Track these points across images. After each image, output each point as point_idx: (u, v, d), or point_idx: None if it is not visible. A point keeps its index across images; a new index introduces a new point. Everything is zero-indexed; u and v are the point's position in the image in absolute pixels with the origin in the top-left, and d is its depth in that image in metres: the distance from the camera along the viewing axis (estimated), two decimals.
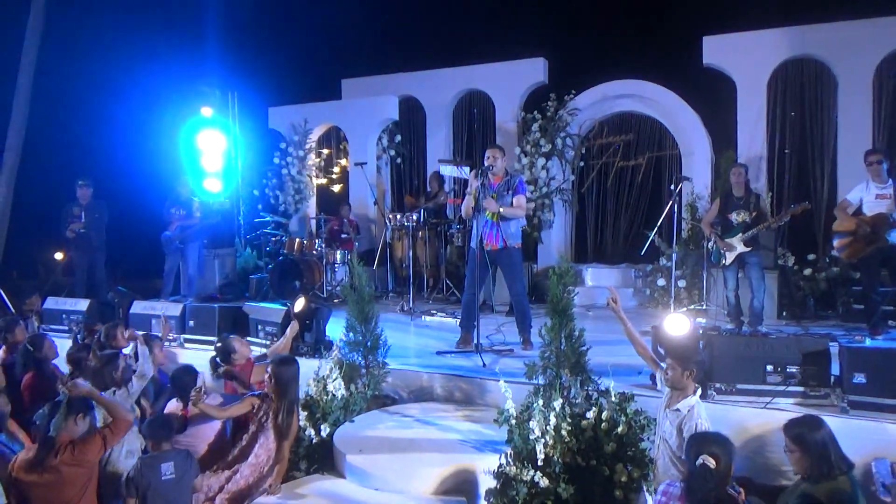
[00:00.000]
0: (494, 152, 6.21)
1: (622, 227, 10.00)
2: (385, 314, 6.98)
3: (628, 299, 8.96)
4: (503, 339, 6.50)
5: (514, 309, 6.61)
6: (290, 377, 4.43)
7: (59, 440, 3.94)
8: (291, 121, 11.20)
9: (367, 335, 5.25)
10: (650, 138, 9.74)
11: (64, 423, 3.96)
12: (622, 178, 9.98)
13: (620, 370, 5.00)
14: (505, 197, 6.21)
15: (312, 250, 9.48)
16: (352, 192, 11.11)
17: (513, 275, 6.29)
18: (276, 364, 4.47)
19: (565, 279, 4.40)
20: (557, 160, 9.60)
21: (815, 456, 3.37)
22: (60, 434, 3.95)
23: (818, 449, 3.38)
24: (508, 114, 10.21)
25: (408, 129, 11.52)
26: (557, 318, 4.38)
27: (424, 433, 4.66)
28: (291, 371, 4.46)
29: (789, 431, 3.49)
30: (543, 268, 9.49)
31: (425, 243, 9.38)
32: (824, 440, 3.40)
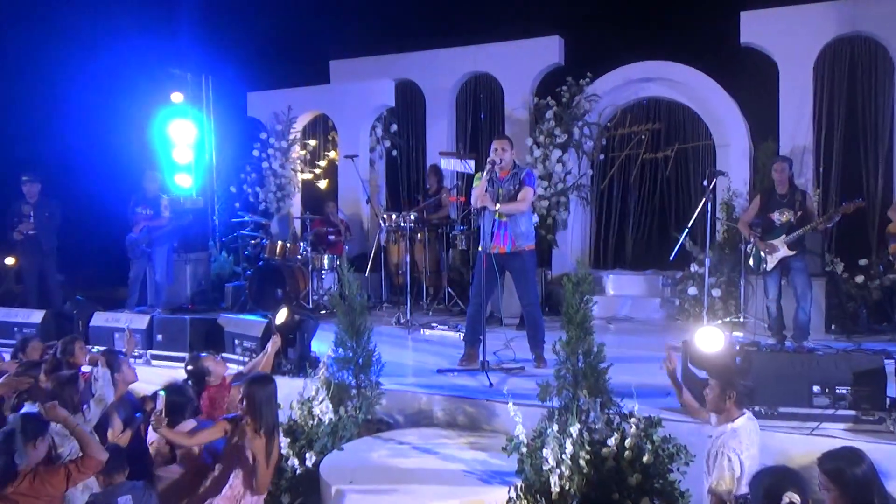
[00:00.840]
0: (503, 143, 6.21)
1: (648, 228, 10.00)
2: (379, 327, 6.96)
3: (654, 310, 8.96)
4: (513, 355, 6.49)
5: (525, 321, 6.60)
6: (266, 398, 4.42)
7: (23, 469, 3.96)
8: (273, 108, 11.22)
9: (359, 351, 5.24)
10: (680, 127, 9.75)
11: (24, 451, 3.98)
12: (648, 173, 9.99)
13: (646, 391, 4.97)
14: (512, 193, 6.21)
15: (296, 254, 9.49)
16: (341, 188, 11.12)
17: (524, 282, 6.28)
18: (249, 383, 4.46)
19: (583, 287, 4.39)
20: (574, 152, 9.61)
21: (855, 496, 3.26)
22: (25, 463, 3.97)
23: (858, 488, 3.26)
24: (519, 100, 10.22)
25: (405, 118, 11.54)
26: (574, 332, 4.37)
27: (423, 463, 4.65)
28: (267, 391, 4.45)
29: (824, 466, 3.37)
30: (558, 274, 9.49)
31: (424, 247, 9.38)
32: (866, 477, 3.28)
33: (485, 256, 6.03)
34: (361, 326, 5.26)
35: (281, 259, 9.45)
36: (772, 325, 6.99)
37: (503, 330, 7.07)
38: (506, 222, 6.19)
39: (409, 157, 11.62)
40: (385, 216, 9.21)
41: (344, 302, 5.26)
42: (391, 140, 11.49)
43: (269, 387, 4.50)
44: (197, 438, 4.52)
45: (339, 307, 5.29)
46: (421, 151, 11.39)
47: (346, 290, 5.26)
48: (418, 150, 11.48)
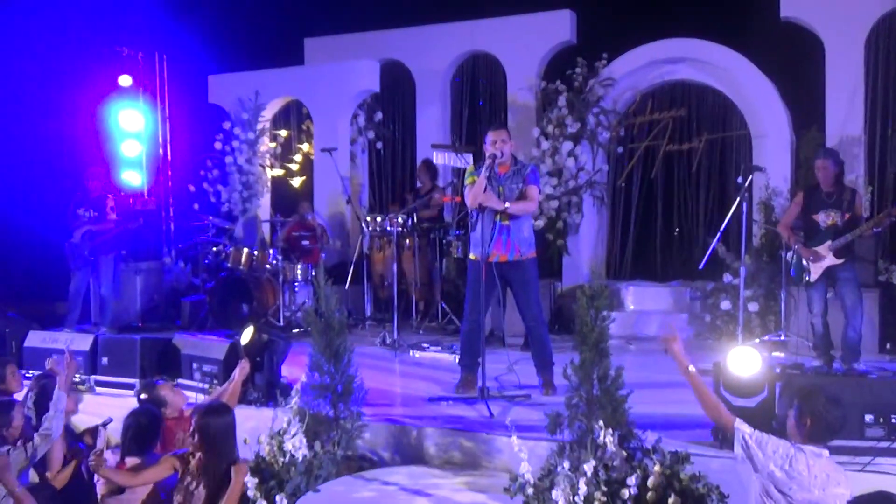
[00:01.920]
0: (502, 135, 6.23)
1: (673, 232, 10.02)
2: (361, 348, 6.93)
3: (682, 327, 8.96)
4: (517, 381, 6.48)
5: (530, 341, 6.60)
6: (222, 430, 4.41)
7: None
8: (238, 93, 11.23)
9: (338, 376, 5.24)
10: (710, 115, 9.78)
11: None
12: (673, 168, 10.02)
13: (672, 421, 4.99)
14: (514, 191, 6.22)
15: (265, 264, 9.47)
16: (317, 187, 11.13)
17: (528, 295, 6.29)
18: (202, 414, 4.44)
19: (598, 301, 4.40)
20: (588, 144, 9.63)
21: None
22: None
23: None
24: (524, 84, 10.25)
25: (391, 105, 11.55)
26: (588, 354, 4.37)
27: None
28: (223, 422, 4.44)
29: None
30: (570, 287, 9.49)
31: (414, 254, 9.38)
32: None
33: (483, 266, 6.03)
34: (341, 347, 5.25)
35: (247, 269, 9.43)
36: (817, 344, 7.01)
37: (505, 351, 7.05)
38: (508, 226, 6.21)
39: (396, 151, 11.63)
40: (368, 219, 9.22)
41: (320, 319, 5.26)
42: (375, 131, 11.50)
43: (225, 418, 4.49)
44: (141, 478, 4.51)
45: (314, 325, 5.28)
46: (410, 144, 11.40)
47: (323, 305, 5.26)
48: (407, 143, 11.50)
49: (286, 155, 11.73)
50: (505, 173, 6.26)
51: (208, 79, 11.58)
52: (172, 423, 5.30)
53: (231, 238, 10.66)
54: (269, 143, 11.48)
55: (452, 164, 9.92)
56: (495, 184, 6.21)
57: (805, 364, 5.72)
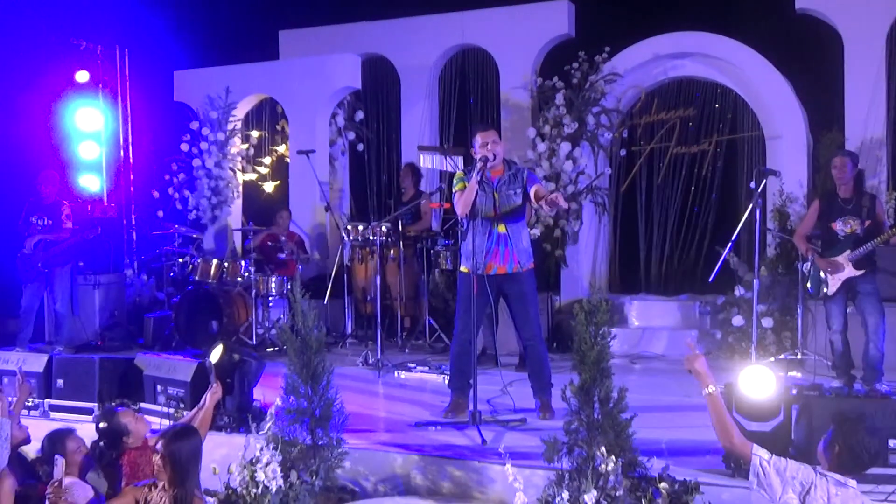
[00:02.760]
0: (493, 135, 6.24)
1: (681, 241, 10.04)
2: (341, 369, 6.90)
3: None
4: (511, 404, 6.49)
5: (526, 361, 6.60)
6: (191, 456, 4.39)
7: None
8: (207, 90, 11.23)
9: (316, 400, 5.22)
10: (720, 115, 9.83)
11: None
12: (680, 173, 10.05)
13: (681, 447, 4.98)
14: (511, 197, 6.23)
15: (236, 277, 9.46)
16: (293, 192, 11.12)
17: (525, 311, 6.29)
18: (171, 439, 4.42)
19: (599, 317, 4.41)
20: (588, 146, 9.66)
21: None
22: None
23: None
24: (518, 81, 10.28)
25: (374, 103, 11.56)
26: (589, 374, 4.38)
27: None
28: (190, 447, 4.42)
29: None
30: (568, 301, 9.51)
31: (399, 266, 9.38)
32: None
33: (475, 279, 6.03)
34: (319, 368, 5.24)
35: (216, 282, 9.40)
36: (836, 363, 7.03)
37: (499, 371, 7.05)
38: (506, 235, 6.22)
39: (379, 153, 11.63)
40: (349, 228, 9.21)
41: (297, 337, 5.25)
42: (356, 131, 11.51)
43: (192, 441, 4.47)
44: None
45: (290, 344, 5.27)
46: (394, 146, 11.40)
47: (300, 321, 5.25)
48: (391, 145, 11.50)
49: (259, 158, 11.71)
50: (499, 178, 6.26)
51: (174, 74, 11.57)
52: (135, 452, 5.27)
53: (199, 248, 10.63)
54: (240, 144, 11.46)
55: (440, 168, 9.93)
56: (488, 190, 6.21)
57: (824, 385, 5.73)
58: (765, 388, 4.80)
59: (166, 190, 11.22)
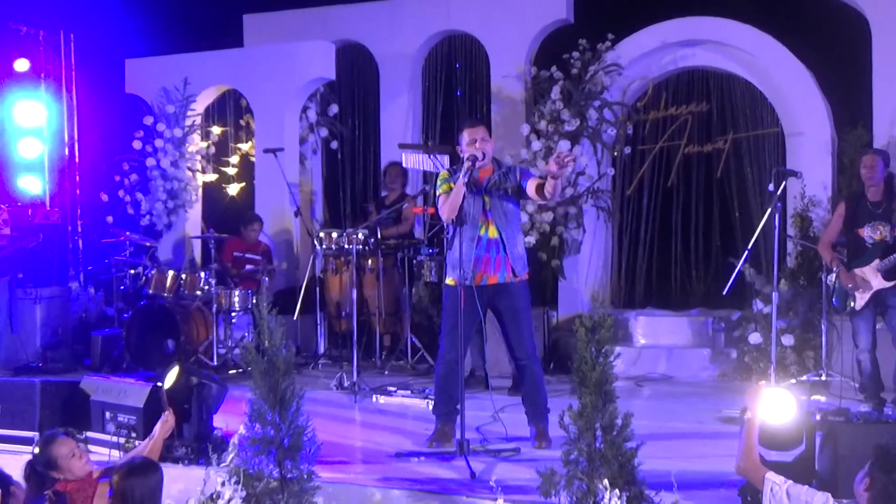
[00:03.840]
0: (483, 132, 6.25)
1: (692, 250, 10.06)
2: (313, 393, 6.88)
3: (703, 366, 9.00)
4: (503, 432, 6.48)
5: (520, 383, 6.59)
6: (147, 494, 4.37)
7: None
8: (163, 81, 11.20)
9: (284, 427, 5.20)
10: (736, 110, 9.85)
11: None
12: (692, 174, 10.08)
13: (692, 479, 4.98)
14: (504, 200, 6.23)
15: (195, 290, 9.43)
16: (259, 196, 11.10)
17: (520, 326, 6.29)
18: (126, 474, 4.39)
19: (602, 334, 4.41)
20: (589, 144, 9.68)
21: None
22: None
23: None
24: (511, 71, 10.28)
25: (350, 96, 11.54)
26: (590, 398, 4.37)
27: None
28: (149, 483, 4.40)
29: None
30: (567, 317, 9.52)
31: (378, 279, 9.37)
32: None
33: (462, 291, 6.02)
34: (288, 392, 5.22)
35: (172, 296, 9.38)
36: (864, 384, 7.05)
37: (489, 395, 7.05)
38: (498, 241, 6.21)
39: (355, 152, 11.62)
40: (322, 235, 9.18)
41: (263, 357, 5.23)
42: (330, 127, 11.50)
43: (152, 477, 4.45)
44: None
45: (255, 365, 5.25)
46: (373, 144, 11.39)
47: (266, 339, 5.23)
48: (369, 142, 11.49)
49: (221, 157, 11.69)
50: (487, 179, 6.26)
51: (126, 63, 11.54)
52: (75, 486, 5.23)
53: (153, 258, 10.59)
54: (199, 141, 11.44)
55: (424, 168, 9.92)
56: (477, 191, 6.22)
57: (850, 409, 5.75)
58: (785, 414, 4.80)
59: (116, 193, 11.18)
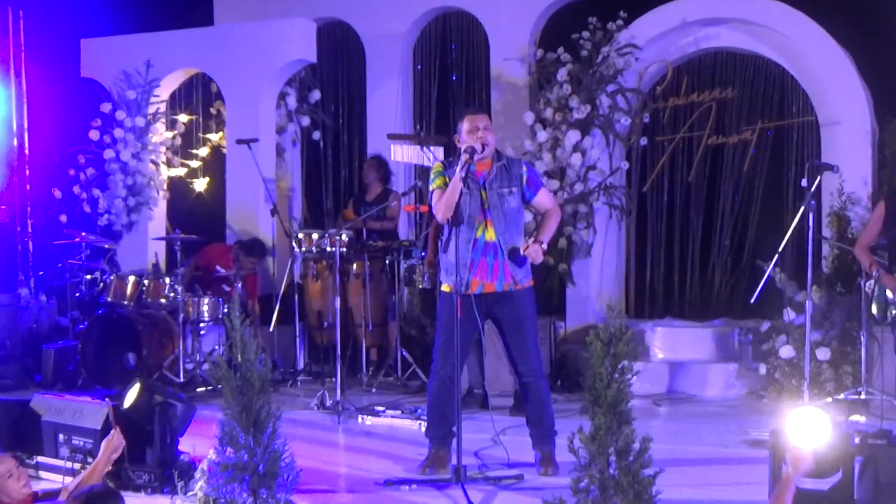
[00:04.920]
0: (484, 120, 6.23)
1: (716, 253, 10.06)
2: (292, 413, 6.88)
3: (728, 382, 8.98)
4: (504, 457, 6.47)
5: (524, 402, 6.58)
6: None
7: None
8: (123, 64, 11.18)
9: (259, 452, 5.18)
10: (765, 97, 9.86)
11: None
12: (716, 168, 10.08)
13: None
14: (504, 198, 6.20)
15: (159, 298, 9.41)
16: (231, 192, 11.09)
17: (524, 339, 6.27)
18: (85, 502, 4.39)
19: (617, 348, 4.40)
20: (601, 135, 9.67)
21: None
22: None
23: None
24: (513, 52, 10.29)
25: (333, 81, 11.55)
26: (603, 419, 4.37)
27: None
28: None
29: None
30: (576, 327, 9.51)
31: (364, 285, 9.36)
32: None
33: (458, 300, 6.01)
34: (263, 413, 5.21)
35: (134, 305, 9.36)
36: None
37: (489, 416, 7.05)
38: (496, 244, 6.19)
39: (339, 144, 11.62)
40: (301, 236, 9.17)
41: (235, 374, 5.22)
42: (311, 116, 11.50)
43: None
44: None
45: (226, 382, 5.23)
46: (358, 134, 11.39)
47: (239, 353, 5.22)
48: (354, 132, 11.48)
49: (188, 148, 11.68)
50: (486, 173, 6.23)
51: (81, 44, 11.51)
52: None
53: (111, 262, 10.57)
54: (164, 131, 11.42)
55: (416, 162, 9.90)
56: (474, 188, 6.19)
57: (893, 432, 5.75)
58: (820, 437, 4.79)
59: (71, 188, 11.15)
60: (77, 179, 11.16)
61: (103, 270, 10.12)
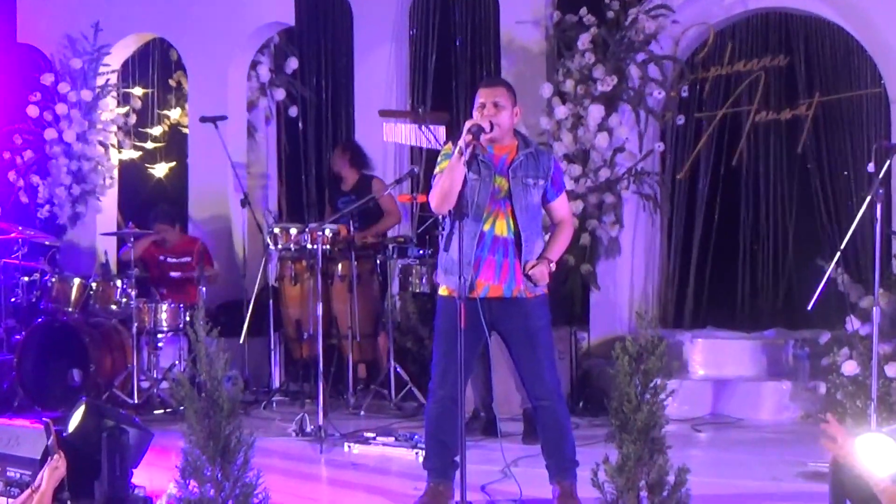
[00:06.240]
0: (497, 92, 6.18)
1: (767, 251, 10.07)
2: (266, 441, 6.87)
3: (781, 403, 8.98)
4: (517, 492, 6.50)
5: (538, 428, 6.60)
6: None
7: None
8: (66, 27, 11.23)
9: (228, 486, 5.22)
10: (824, 65, 9.86)
11: None
12: (765, 149, 10.09)
13: None
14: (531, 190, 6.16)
15: (110, 304, 9.44)
16: (193, 178, 11.13)
17: (536, 356, 6.27)
18: None
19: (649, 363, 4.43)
20: (631, 111, 9.68)
21: None
22: None
23: None
24: (527, 14, 10.27)
25: (314, 47, 11.58)
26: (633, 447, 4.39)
27: None
28: None
29: None
30: (602, 339, 9.53)
31: (351, 289, 9.38)
32: None
33: (462, 306, 6.01)
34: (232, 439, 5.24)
35: (79, 312, 9.40)
36: None
37: (498, 443, 7.07)
38: (508, 241, 6.14)
39: (322, 121, 11.65)
40: (277, 231, 9.20)
41: (200, 394, 5.25)
42: (288, 89, 11.52)
43: None
44: None
45: (189, 403, 5.27)
46: (344, 109, 11.42)
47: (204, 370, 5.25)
48: (339, 108, 11.51)
49: (143, 127, 11.71)
50: (506, 158, 6.16)
51: (17, 4, 11.55)
52: None
53: (53, 262, 10.59)
54: (115, 107, 11.44)
55: (414, 144, 9.92)
56: (486, 174, 6.13)
57: None
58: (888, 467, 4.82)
59: (6, 175, 11.20)
60: (12, 164, 11.21)
61: (43, 271, 10.13)
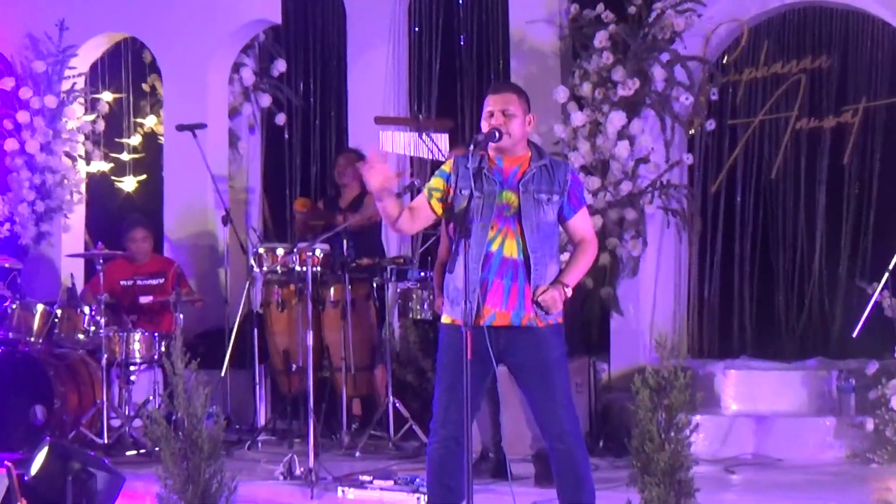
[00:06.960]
0: (508, 99, 6.19)
1: (806, 272, 10.07)
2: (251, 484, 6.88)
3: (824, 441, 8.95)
4: None
5: (553, 470, 6.59)
6: None
7: None
8: (30, 26, 11.27)
9: None
10: (872, 68, 9.87)
11: None
12: (806, 160, 10.09)
13: None
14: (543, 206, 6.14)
15: (76, 333, 9.44)
16: (169, 193, 11.15)
17: (550, 390, 6.25)
18: None
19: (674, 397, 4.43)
20: (655, 118, 9.69)
21: None
22: None
23: None
24: (539, 11, 10.30)
25: (303, 48, 11.61)
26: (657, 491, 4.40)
27: None
28: None
29: None
30: (623, 370, 9.52)
31: (344, 316, 9.38)
32: None
33: (468, 335, 6.00)
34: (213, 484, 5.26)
35: (43, 343, 9.41)
36: None
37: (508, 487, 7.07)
38: (517, 262, 6.12)
39: (311, 129, 11.67)
40: (263, 252, 9.21)
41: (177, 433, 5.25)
42: (274, 94, 11.55)
43: None
44: None
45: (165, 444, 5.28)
46: (336, 117, 11.44)
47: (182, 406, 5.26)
48: (329, 115, 11.53)
49: (114, 137, 11.73)
50: (517, 170, 6.16)
51: None
52: None
53: (13, 286, 10.60)
54: (83, 115, 11.47)
55: (413, 154, 9.93)
56: (491, 189, 6.12)
57: None
58: None
59: None
60: None
61: (3, 297, 10.15)
